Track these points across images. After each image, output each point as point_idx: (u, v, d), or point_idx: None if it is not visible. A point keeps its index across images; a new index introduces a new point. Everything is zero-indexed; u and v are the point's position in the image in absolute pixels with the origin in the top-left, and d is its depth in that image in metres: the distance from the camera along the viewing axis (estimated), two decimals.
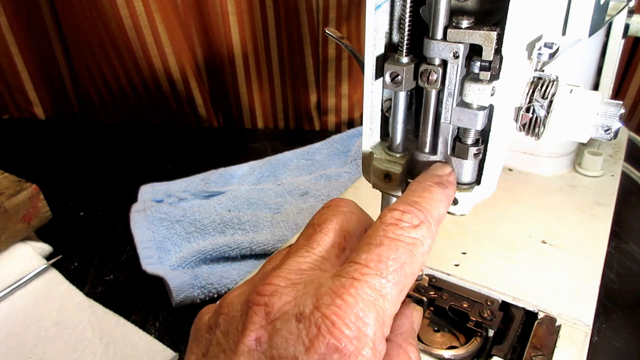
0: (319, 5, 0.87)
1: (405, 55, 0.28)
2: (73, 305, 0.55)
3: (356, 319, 0.21)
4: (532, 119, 0.29)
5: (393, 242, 0.23)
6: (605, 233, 0.52)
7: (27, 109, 1.07)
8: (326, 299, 0.21)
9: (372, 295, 0.22)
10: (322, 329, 0.21)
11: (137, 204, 0.71)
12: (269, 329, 0.22)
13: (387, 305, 0.22)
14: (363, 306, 0.21)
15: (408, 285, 0.23)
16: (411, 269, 0.23)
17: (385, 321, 0.22)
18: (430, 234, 0.25)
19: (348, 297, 0.21)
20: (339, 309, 0.21)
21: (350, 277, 0.22)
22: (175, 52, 0.94)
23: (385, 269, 0.23)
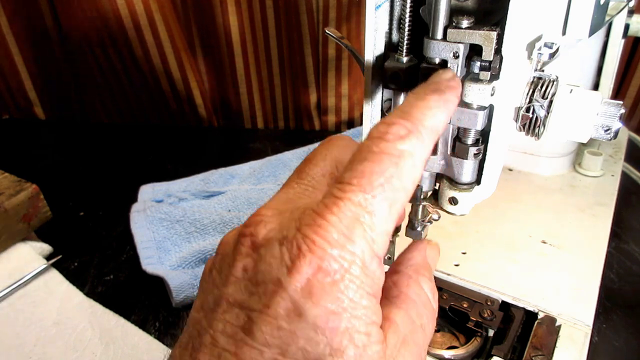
0: (319, 5, 0.87)
1: (405, 55, 0.28)
2: (73, 305, 0.55)
3: (340, 236, 0.20)
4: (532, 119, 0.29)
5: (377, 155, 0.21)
6: (605, 233, 0.52)
7: (27, 109, 1.07)
8: (307, 220, 0.20)
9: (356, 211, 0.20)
10: (302, 248, 0.20)
11: (137, 204, 0.71)
12: (255, 257, 0.21)
13: (375, 222, 0.20)
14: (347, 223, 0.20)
15: (400, 201, 0.21)
16: (400, 182, 0.21)
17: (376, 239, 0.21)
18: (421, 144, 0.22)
19: (330, 215, 0.20)
20: (320, 228, 0.20)
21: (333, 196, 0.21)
22: (175, 52, 0.94)
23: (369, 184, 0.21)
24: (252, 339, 0.20)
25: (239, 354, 0.20)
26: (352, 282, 0.20)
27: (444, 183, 0.32)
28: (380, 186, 0.21)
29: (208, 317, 0.21)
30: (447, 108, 0.24)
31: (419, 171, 0.22)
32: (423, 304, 0.25)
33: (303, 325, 0.19)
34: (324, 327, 0.19)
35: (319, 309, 0.19)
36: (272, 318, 0.20)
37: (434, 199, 0.33)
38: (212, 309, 0.21)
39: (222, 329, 0.21)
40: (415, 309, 0.24)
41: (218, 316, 0.21)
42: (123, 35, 0.92)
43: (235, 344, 0.20)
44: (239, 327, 0.20)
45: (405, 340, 0.23)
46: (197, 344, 0.21)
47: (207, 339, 0.21)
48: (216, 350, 0.20)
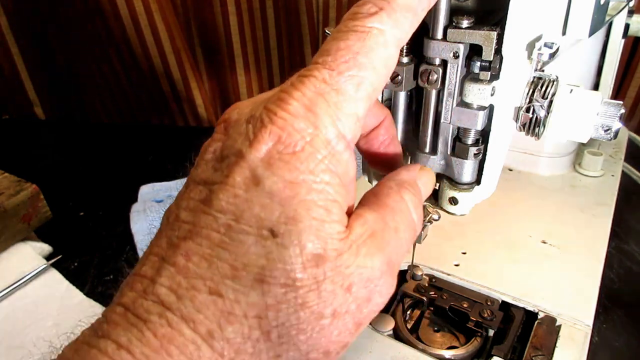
0: (319, 5, 0.87)
1: (405, 55, 0.28)
2: (73, 305, 0.55)
3: (302, 109, 0.20)
4: (532, 119, 0.29)
5: (344, 34, 0.21)
6: (605, 233, 0.52)
7: (27, 109, 1.07)
8: (274, 98, 0.21)
9: (321, 87, 0.20)
10: (264, 121, 0.20)
11: (137, 204, 0.71)
12: (224, 138, 0.22)
13: (340, 99, 0.20)
14: (310, 96, 0.20)
15: (369, 81, 0.21)
16: (367, 59, 0.21)
17: (342, 118, 0.20)
18: (394, 22, 0.21)
19: (294, 91, 0.20)
20: (283, 102, 0.20)
21: (299, 75, 0.21)
22: (175, 52, 0.94)
23: (334, 61, 0.20)
24: (209, 207, 0.20)
25: (195, 222, 0.20)
26: (312, 155, 0.20)
27: (444, 183, 0.32)
28: (345, 62, 0.20)
29: (177, 201, 0.22)
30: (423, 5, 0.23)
31: (391, 52, 0.22)
32: (400, 210, 0.23)
33: (259, 193, 0.19)
34: (280, 196, 0.19)
35: (276, 178, 0.19)
36: (230, 187, 0.20)
37: (434, 199, 0.33)
38: (182, 193, 0.22)
39: (186, 205, 0.21)
40: (392, 214, 0.23)
41: (184, 196, 0.21)
42: (123, 35, 0.92)
43: (194, 215, 0.20)
44: (200, 200, 0.21)
45: (374, 233, 0.22)
46: (164, 225, 0.22)
47: (172, 217, 0.21)
48: (177, 224, 0.21)
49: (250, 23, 0.91)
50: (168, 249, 0.20)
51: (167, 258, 0.20)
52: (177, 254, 0.20)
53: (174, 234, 0.20)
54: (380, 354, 0.39)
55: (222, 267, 0.19)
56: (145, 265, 0.21)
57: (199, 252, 0.19)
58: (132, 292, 0.20)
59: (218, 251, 0.19)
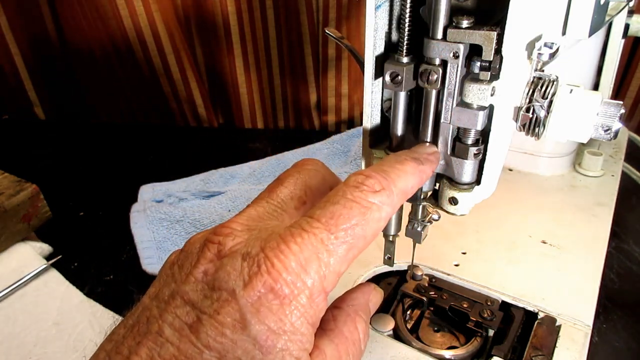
0: (319, 5, 0.87)
1: (405, 55, 0.28)
2: (73, 305, 0.55)
3: (297, 265, 0.22)
4: (532, 119, 0.29)
5: (349, 202, 0.24)
6: (605, 233, 0.52)
7: (27, 109, 1.07)
8: (272, 243, 0.22)
9: (317, 247, 0.22)
10: (262, 268, 0.22)
11: (137, 204, 0.71)
12: (217, 264, 0.23)
13: (331, 261, 0.22)
14: (306, 255, 0.22)
15: (358, 247, 0.23)
16: (362, 231, 0.23)
17: (327, 276, 0.22)
18: (390, 202, 0.24)
19: (293, 244, 0.22)
20: (282, 253, 0.22)
21: (300, 227, 0.23)
22: (175, 52, 0.94)
23: (335, 225, 0.23)
24: (196, 338, 0.21)
25: (180, 348, 0.21)
26: (297, 309, 0.22)
27: (444, 183, 0.32)
28: (344, 230, 0.23)
29: (160, 307, 0.23)
30: (421, 177, 0.27)
31: (382, 226, 0.25)
32: (353, 341, 0.26)
33: (244, 337, 0.21)
34: (262, 344, 0.21)
35: (262, 326, 0.21)
36: (219, 324, 0.21)
37: (434, 199, 0.33)
38: (166, 302, 0.23)
39: (171, 322, 0.22)
40: (345, 345, 0.26)
41: (170, 309, 0.22)
42: (123, 36, 0.92)
43: (179, 339, 0.21)
44: (186, 324, 0.22)
45: None
46: (144, 330, 0.22)
47: (155, 327, 0.22)
48: (160, 340, 0.22)
49: (250, 23, 0.91)
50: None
51: None
52: None
53: (157, 349, 0.22)
54: (380, 354, 0.39)
55: None
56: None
57: None
58: None
59: None
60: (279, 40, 0.93)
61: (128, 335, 0.23)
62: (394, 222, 0.37)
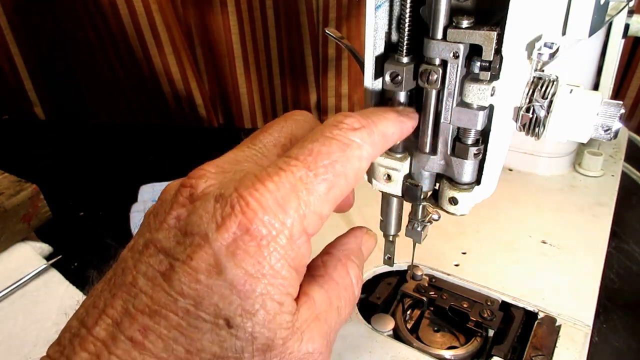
0: (319, 5, 0.87)
1: (405, 55, 0.28)
2: (73, 305, 0.55)
3: (274, 204, 0.21)
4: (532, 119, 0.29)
5: (327, 139, 0.23)
6: (605, 233, 0.52)
7: (27, 109, 1.07)
8: (247, 182, 0.21)
9: (295, 185, 0.21)
10: (235, 208, 0.20)
11: (137, 204, 0.71)
12: (189, 208, 0.22)
13: (311, 199, 0.21)
14: (284, 194, 0.21)
15: (339, 187, 0.22)
16: (343, 168, 0.22)
17: (308, 216, 0.21)
18: (370, 142, 0.24)
19: (269, 182, 0.21)
20: (257, 192, 0.21)
21: (277, 166, 0.22)
22: (175, 52, 0.94)
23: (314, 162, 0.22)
24: (169, 286, 0.20)
25: (154, 297, 0.20)
26: (276, 250, 0.21)
27: (444, 183, 0.32)
28: (323, 167, 0.22)
29: (134, 257, 0.22)
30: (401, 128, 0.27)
31: (364, 165, 0.23)
32: (345, 287, 0.25)
33: (220, 283, 0.20)
34: (240, 289, 0.20)
35: (239, 270, 0.20)
36: (193, 270, 0.20)
37: (434, 199, 0.33)
38: (140, 251, 0.22)
39: (144, 272, 0.21)
40: (336, 291, 0.25)
41: (143, 259, 0.21)
42: (123, 35, 0.92)
43: (152, 288, 0.21)
44: (159, 272, 0.21)
45: (317, 317, 0.23)
46: (119, 282, 0.22)
47: (129, 278, 0.21)
48: (134, 290, 0.21)
49: (250, 23, 0.91)
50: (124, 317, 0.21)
51: (123, 328, 0.20)
52: (134, 327, 0.20)
53: (131, 300, 0.21)
54: (380, 354, 0.39)
55: (177, 349, 0.20)
56: (98, 326, 0.21)
57: (155, 331, 0.20)
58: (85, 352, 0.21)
59: (174, 333, 0.20)
60: (279, 40, 0.93)
61: (105, 288, 0.22)
62: (394, 222, 0.37)
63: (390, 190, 0.33)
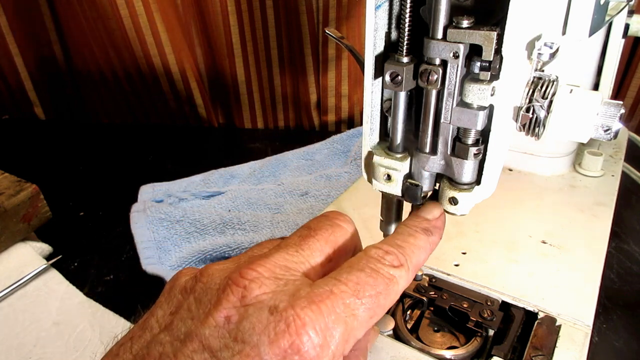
0: (319, 5, 0.87)
1: (405, 55, 0.28)
2: (73, 305, 0.55)
3: (325, 328, 0.21)
4: (532, 119, 0.29)
5: (374, 272, 0.25)
6: (605, 233, 0.52)
7: (27, 109, 1.07)
8: (302, 302, 0.22)
9: (345, 311, 0.22)
10: (290, 327, 0.21)
11: (137, 204, 0.71)
12: (241, 312, 0.22)
13: (355, 325, 0.23)
14: (334, 319, 0.22)
15: (378, 315, 0.24)
16: (385, 300, 0.24)
17: (349, 340, 0.23)
18: (406, 277, 0.26)
19: (323, 306, 0.22)
20: (312, 313, 0.21)
21: (329, 289, 0.23)
22: (175, 52, 0.94)
23: (362, 291, 0.23)
24: None
25: None
26: None
27: (444, 183, 0.32)
28: (370, 297, 0.24)
29: (175, 346, 0.22)
30: (431, 249, 0.29)
31: (397, 297, 0.26)
32: None
33: None
34: None
35: None
36: None
37: None
38: (182, 341, 0.22)
39: None
40: None
41: (186, 352, 0.21)
42: (123, 36, 0.92)
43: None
44: None
45: None
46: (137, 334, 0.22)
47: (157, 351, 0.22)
48: None
49: (250, 23, 0.91)
50: None
51: None
52: None
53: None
54: (380, 354, 0.39)
55: None
56: None
57: None
58: None
59: None
60: (279, 40, 0.93)
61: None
62: (394, 222, 0.37)
63: (390, 190, 0.33)
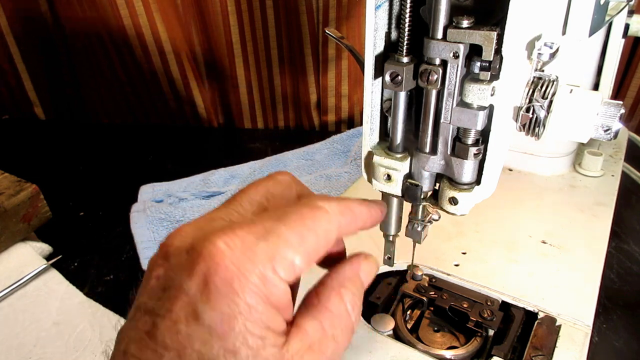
0: (319, 5, 0.87)
1: (405, 55, 0.28)
2: (73, 305, 0.55)
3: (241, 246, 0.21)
4: (532, 119, 0.29)
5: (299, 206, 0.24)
6: (605, 233, 0.52)
7: (27, 109, 1.07)
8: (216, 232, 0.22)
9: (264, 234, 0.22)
10: (203, 253, 0.21)
11: (137, 204, 0.71)
12: (166, 265, 0.22)
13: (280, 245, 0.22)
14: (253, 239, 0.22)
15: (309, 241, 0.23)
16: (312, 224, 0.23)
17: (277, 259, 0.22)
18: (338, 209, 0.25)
19: (238, 230, 0.22)
20: (226, 236, 0.21)
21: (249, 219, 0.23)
22: (175, 52, 0.94)
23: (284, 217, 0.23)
24: (154, 342, 0.21)
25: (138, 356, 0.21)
26: (249, 288, 0.21)
27: (444, 183, 0.32)
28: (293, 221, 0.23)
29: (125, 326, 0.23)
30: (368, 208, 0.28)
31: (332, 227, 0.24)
32: (339, 315, 0.25)
33: (199, 328, 0.20)
34: (218, 331, 0.20)
35: (215, 312, 0.20)
36: (173, 322, 0.21)
37: (434, 199, 0.33)
38: (130, 319, 0.22)
39: (133, 337, 0.22)
40: (330, 320, 0.24)
41: (132, 324, 0.22)
42: (123, 35, 0.92)
43: (140, 349, 0.21)
44: (145, 332, 0.21)
45: (311, 346, 0.23)
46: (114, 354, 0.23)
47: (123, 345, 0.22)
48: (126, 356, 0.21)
49: (250, 23, 0.91)
50: None
51: None
52: None
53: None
54: (380, 354, 0.39)
55: None
56: None
57: None
58: None
59: None
60: (279, 40, 0.93)
61: None
62: (394, 222, 0.37)
63: (390, 190, 0.33)
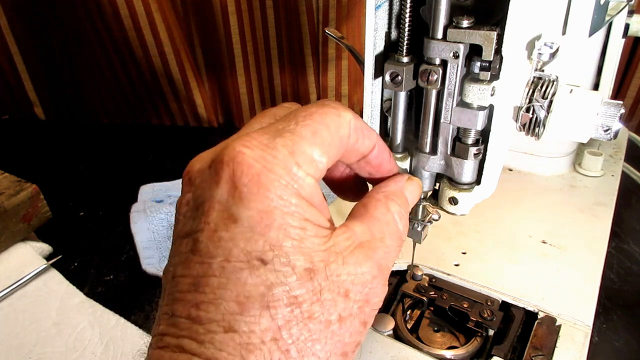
0: (319, 5, 0.87)
1: (405, 55, 0.28)
2: (73, 305, 0.55)
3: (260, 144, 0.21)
4: (532, 119, 0.29)
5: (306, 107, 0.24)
6: (605, 233, 0.52)
7: (27, 109, 1.07)
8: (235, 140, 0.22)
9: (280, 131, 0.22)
10: (224, 159, 0.21)
11: (137, 204, 0.71)
12: (191, 189, 0.23)
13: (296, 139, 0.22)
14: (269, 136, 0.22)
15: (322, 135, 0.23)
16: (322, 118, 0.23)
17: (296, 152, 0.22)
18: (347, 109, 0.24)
19: (254, 133, 0.22)
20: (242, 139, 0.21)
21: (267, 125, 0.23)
22: (175, 52, 0.94)
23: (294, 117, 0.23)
24: (199, 256, 0.21)
25: (191, 274, 0.21)
26: (277, 181, 0.21)
27: (444, 183, 0.32)
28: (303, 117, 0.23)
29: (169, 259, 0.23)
30: None
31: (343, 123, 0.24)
32: (386, 222, 0.25)
33: (240, 229, 0.21)
34: (259, 227, 0.21)
35: (250, 211, 0.21)
36: (212, 231, 0.21)
37: (434, 199, 0.33)
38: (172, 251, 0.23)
39: (178, 260, 0.22)
40: (378, 226, 0.25)
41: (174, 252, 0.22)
42: (123, 35, 0.92)
43: (187, 268, 0.21)
44: (189, 252, 0.21)
45: (361, 244, 0.23)
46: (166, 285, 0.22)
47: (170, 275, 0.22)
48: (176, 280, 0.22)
49: (250, 23, 0.91)
50: (176, 304, 0.21)
51: (179, 312, 0.21)
52: (187, 307, 0.21)
53: (176, 289, 0.21)
54: (380, 354, 0.39)
55: (228, 306, 0.20)
56: (161, 325, 0.22)
57: (205, 300, 0.21)
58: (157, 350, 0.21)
59: (220, 293, 0.20)
60: (279, 40, 0.93)
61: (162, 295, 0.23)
62: None
63: None
